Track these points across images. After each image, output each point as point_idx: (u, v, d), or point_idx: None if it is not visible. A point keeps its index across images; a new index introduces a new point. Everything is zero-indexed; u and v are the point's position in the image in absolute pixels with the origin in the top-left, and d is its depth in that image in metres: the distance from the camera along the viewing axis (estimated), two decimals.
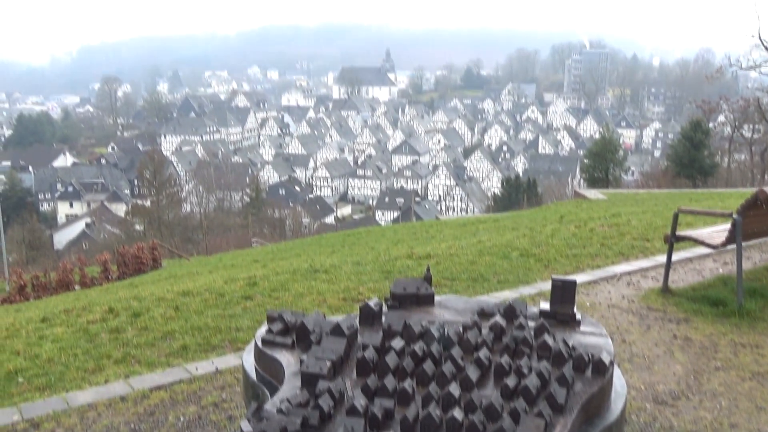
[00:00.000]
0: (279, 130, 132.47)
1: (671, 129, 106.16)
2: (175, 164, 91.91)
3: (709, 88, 75.92)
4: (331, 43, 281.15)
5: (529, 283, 6.78)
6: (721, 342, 5.14)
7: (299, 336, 2.64)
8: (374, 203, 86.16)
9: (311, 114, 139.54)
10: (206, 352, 5.18)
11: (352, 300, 6.38)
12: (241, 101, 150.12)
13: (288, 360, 2.52)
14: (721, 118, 41.29)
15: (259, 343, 2.68)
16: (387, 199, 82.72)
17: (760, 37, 31.63)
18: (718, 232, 6.30)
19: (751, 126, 38.79)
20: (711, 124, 40.92)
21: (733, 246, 5.97)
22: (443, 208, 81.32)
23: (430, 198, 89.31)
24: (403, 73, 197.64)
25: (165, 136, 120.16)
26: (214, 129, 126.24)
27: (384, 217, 74.56)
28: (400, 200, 79.23)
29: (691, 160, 37.08)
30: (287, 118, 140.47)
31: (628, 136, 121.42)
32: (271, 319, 2.83)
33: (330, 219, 68.34)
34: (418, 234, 16.50)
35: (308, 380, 2.32)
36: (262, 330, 2.79)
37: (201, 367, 4.84)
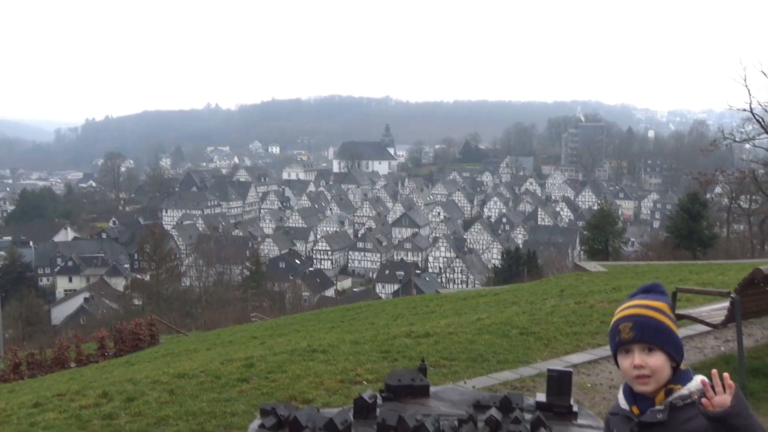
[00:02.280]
0: (279, 204, 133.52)
1: (669, 199, 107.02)
2: (175, 238, 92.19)
3: (704, 159, 76.92)
4: (332, 118, 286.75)
5: (528, 363, 6.69)
6: None
7: (292, 431, 2.60)
8: (374, 276, 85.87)
9: (312, 188, 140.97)
10: None
11: (350, 382, 6.28)
12: (242, 175, 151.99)
13: None
14: (718, 189, 41.68)
15: None
16: (387, 272, 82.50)
17: (752, 111, 32.34)
18: (717, 310, 6.27)
19: (747, 197, 39.11)
20: (708, 196, 41.27)
21: (734, 323, 5.93)
22: (444, 280, 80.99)
23: (430, 270, 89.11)
24: (403, 147, 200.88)
25: (166, 211, 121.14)
26: (215, 203, 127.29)
27: (384, 290, 74.20)
28: (400, 273, 78.99)
29: (690, 232, 37.16)
30: (288, 192, 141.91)
31: (626, 208, 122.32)
32: (264, 413, 2.79)
33: (330, 292, 67.99)
34: (418, 308, 16.37)
35: None
36: (255, 424, 2.75)
37: None
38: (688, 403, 2.04)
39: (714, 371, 2.00)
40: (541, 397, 2.82)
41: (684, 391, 2.07)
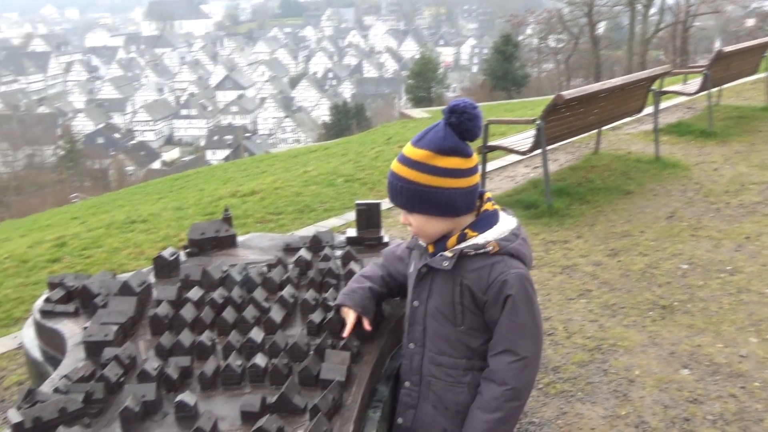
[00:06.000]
0: (88, 75, 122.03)
1: (485, 44, 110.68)
2: None
3: (516, 2, 79.60)
4: None
5: (354, 208, 6.77)
6: (534, 242, 5.42)
7: (83, 301, 2.36)
8: (203, 143, 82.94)
9: (122, 54, 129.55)
10: (8, 327, 4.67)
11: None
12: (38, 45, 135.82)
13: (71, 330, 2.24)
14: (529, 30, 43.49)
15: (37, 315, 2.37)
16: (216, 138, 79.92)
17: None
18: (525, 139, 6.59)
19: (555, 36, 41.23)
20: (520, 37, 43.01)
21: (540, 150, 6.27)
22: (275, 141, 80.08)
23: (260, 132, 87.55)
24: (218, 3, 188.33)
25: None
26: (11, 79, 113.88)
27: (215, 157, 72.13)
28: (229, 138, 76.90)
29: (504, 73, 38.94)
30: (95, 61, 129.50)
31: (446, 54, 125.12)
32: (51, 286, 2.51)
33: (157, 164, 65.13)
34: (249, 170, 16.03)
35: (92, 349, 2.07)
36: (41, 300, 2.47)
37: (1, 344, 4.35)
38: (480, 253, 1.83)
39: None
40: (353, 232, 2.77)
41: (479, 239, 1.84)
